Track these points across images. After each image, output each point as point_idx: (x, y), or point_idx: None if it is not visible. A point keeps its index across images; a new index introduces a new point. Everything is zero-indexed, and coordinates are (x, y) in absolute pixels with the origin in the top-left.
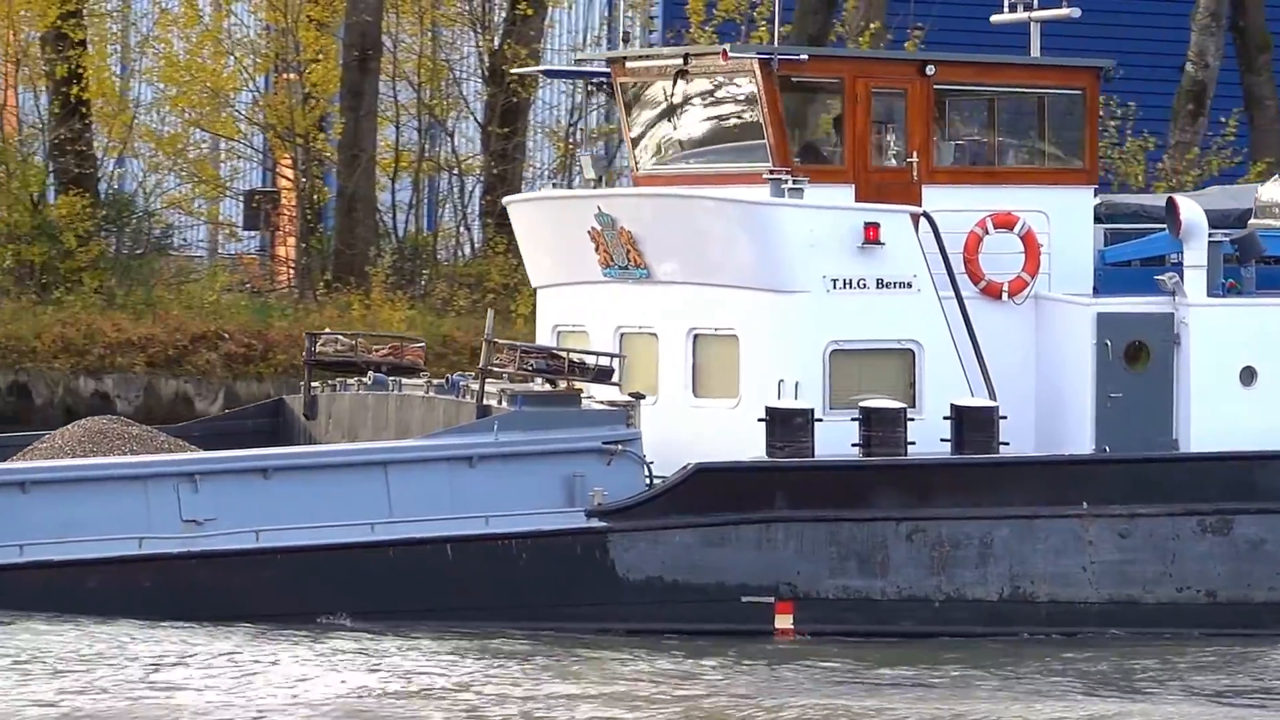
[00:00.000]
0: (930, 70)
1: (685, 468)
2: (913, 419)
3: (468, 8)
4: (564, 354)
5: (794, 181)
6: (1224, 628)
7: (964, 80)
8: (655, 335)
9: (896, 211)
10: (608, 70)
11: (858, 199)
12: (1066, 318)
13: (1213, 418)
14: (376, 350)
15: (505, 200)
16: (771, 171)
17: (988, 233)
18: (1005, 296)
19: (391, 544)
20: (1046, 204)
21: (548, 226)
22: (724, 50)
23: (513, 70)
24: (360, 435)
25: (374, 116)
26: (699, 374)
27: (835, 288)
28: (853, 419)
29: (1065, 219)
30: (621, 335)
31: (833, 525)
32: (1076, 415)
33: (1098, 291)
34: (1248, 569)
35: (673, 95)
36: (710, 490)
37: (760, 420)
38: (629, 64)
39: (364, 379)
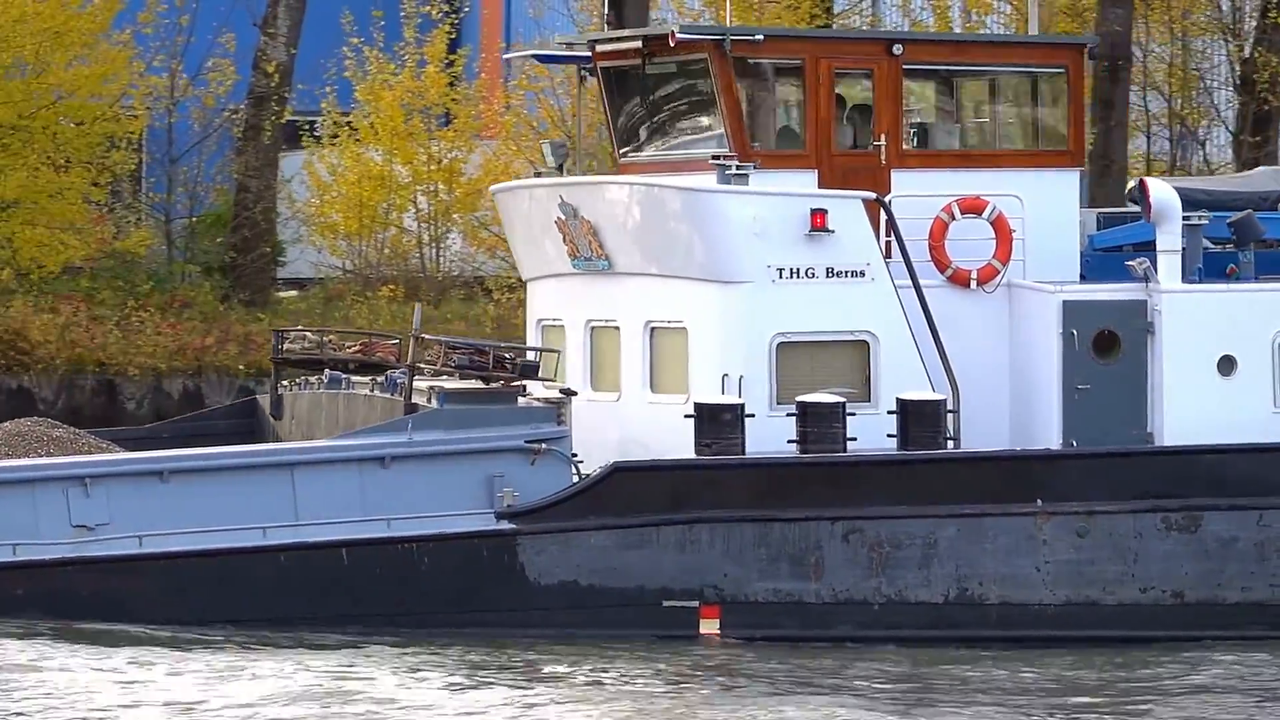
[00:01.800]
0: (898, 50)
1: (603, 467)
2: (870, 413)
3: (1218, 16)
4: (489, 349)
5: (738, 167)
6: (1192, 630)
7: (935, 59)
8: (618, 329)
9: (847, 197)
10: (589, 54)
11: (821, 185)
12: (1034, 306)
13: (1189, 410)
14: (348, 347)
15: (492, 189)
16: (715, 157)
17: (954, 218)
18: (974, 284)
19: (283, 549)
20: (1020, 187)
21: (524, 217)
22: (671, 32)
23: (506, 55)
24: (315, 434)
25: (1124, 127)
26: (655, 369)
27: (781, 277)
28: (788, 414)
29: (1043, 203)
30: (591, 329)
31: (762, 525)
32: (1044, 408)
33: (1084, 278)
34: (1219, 568)
35: (643, 79)
36: (629, 490)
37: (687, 417)
38: (599, 47)
39: (321, 377)
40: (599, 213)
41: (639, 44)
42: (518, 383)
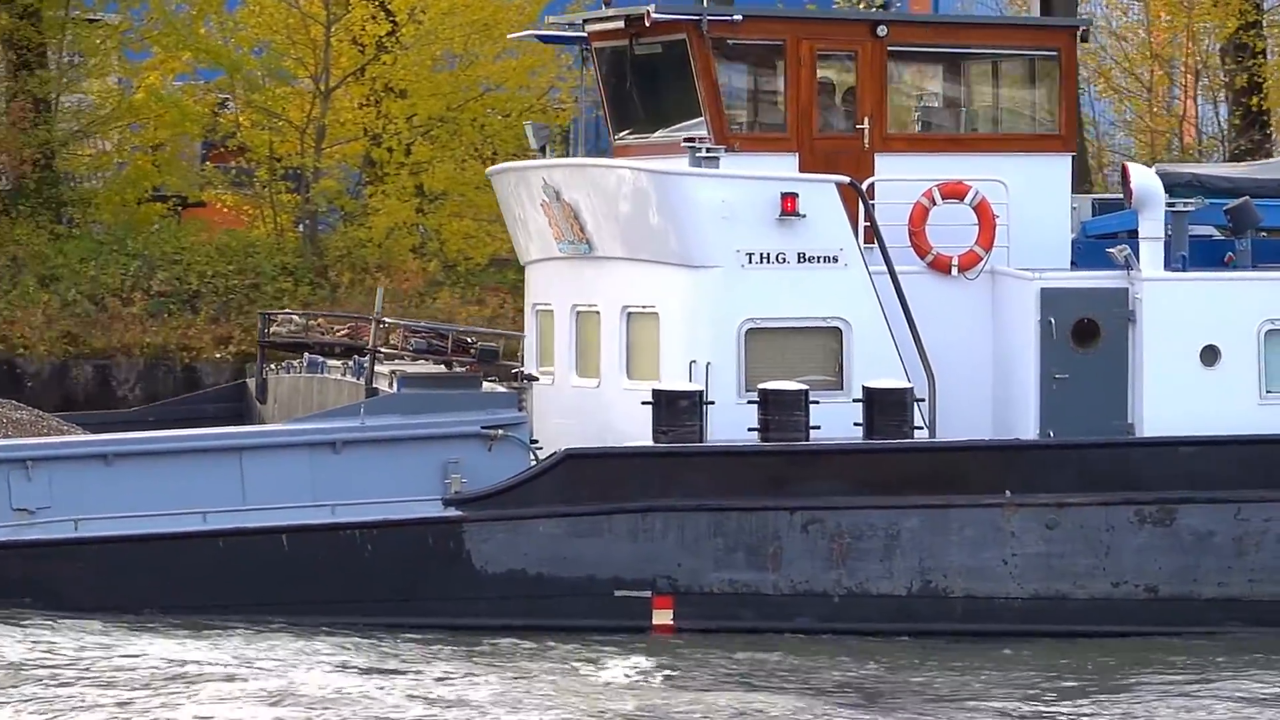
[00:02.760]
0: (882, 31)
1: (555, 453)
2: (843, 402)
3: None
4: (448, 333)
5: (708, 150)
6: (1166, 626)
7: (921, 41)
8: (599, 314)
9: (819, 181)
10: (584, 34)
11: (802, 169)
12: (1014, 294)
13: (1171, 401)
14: (336, 330)
15: (488, 172)
16: (687, 139)
17: (935, 203)
18: (955, 271)
19: (220, 535)
20: (1005, 172)
21: (517, 200)
22: (647, 12)
23: (511, 35)
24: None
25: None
26: (631, 355)
27: (751, 262)
28: (749, 401)
29: (1030, 188)
30: (576, 314)
31: (718, 515)
32: (1022, 399)
33: (1076, 266)
34: (1194, 563)
35: (631, 60)
36: (581, 477)
37: (645, 404)
38: (588, 27)
39: (300, 360)
40: (579, 196)
41: (621, 24)
42: (477, 368)
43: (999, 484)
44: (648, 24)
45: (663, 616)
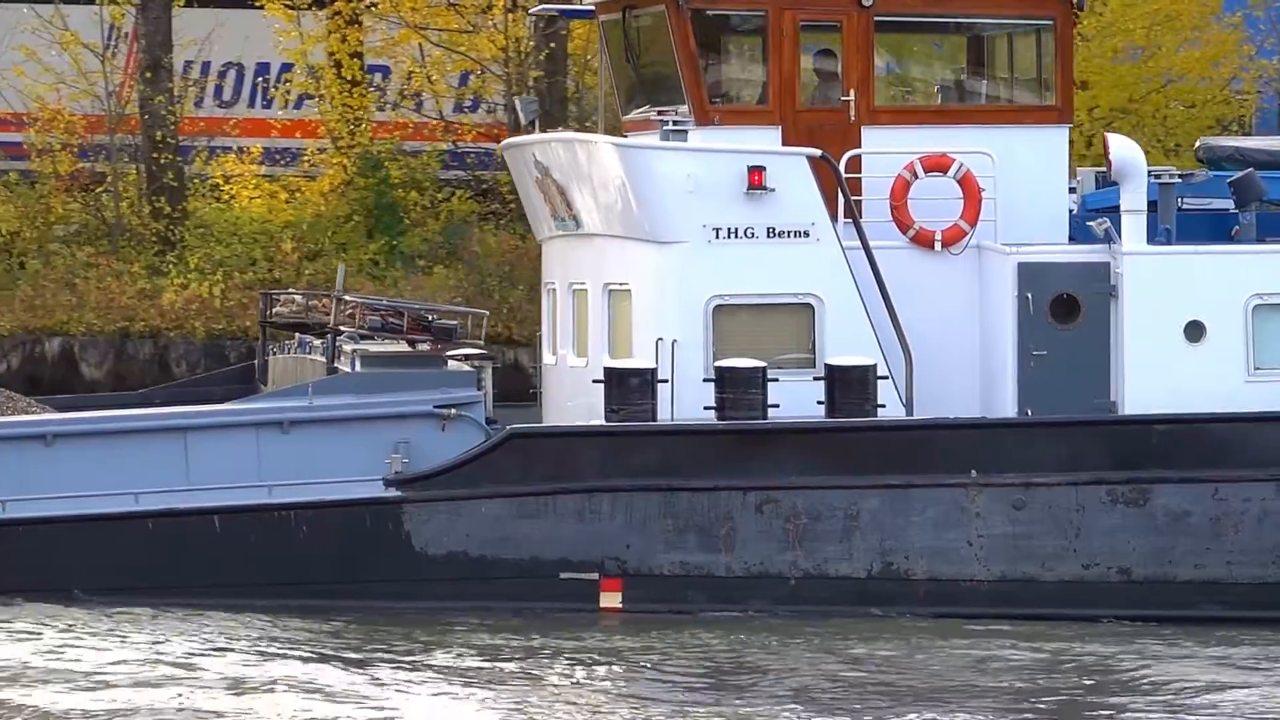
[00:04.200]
0: (868, 1)
1: (499, 432)
2: (816, 379)
3: None
4: (406, 310)
5: (675, 123)
6: (1139, 609)
7: (909, 11)
8: (588, 291)
9: (789, 154)
10: (592, 9)
11: (785, 142)
12: (995, 269)
13: (1154, 378)
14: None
15: (500, 145)
16: (660, 112)
17: (917, 176)
18: (939, 246)
19: (151, 515)
20: (996, 144)
21: (520, 178)
22: None
23: (531, 11)
24: None
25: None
26: (613, 333)
27: (718, 237)
28: (704, 379)
29: (1021, 161)
30: (573, 291)
31: (667, 495)
32: (1001, 376)
33: (1075, 240)
34: (1169, 544)
35: (629, 33)
36: (526, 457)
37: (596, 382)
38: (588, 1)
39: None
40: (565, 172)
41: None
42: (439, 347)
43: (963, 463)
44: None
45: (610, 599)
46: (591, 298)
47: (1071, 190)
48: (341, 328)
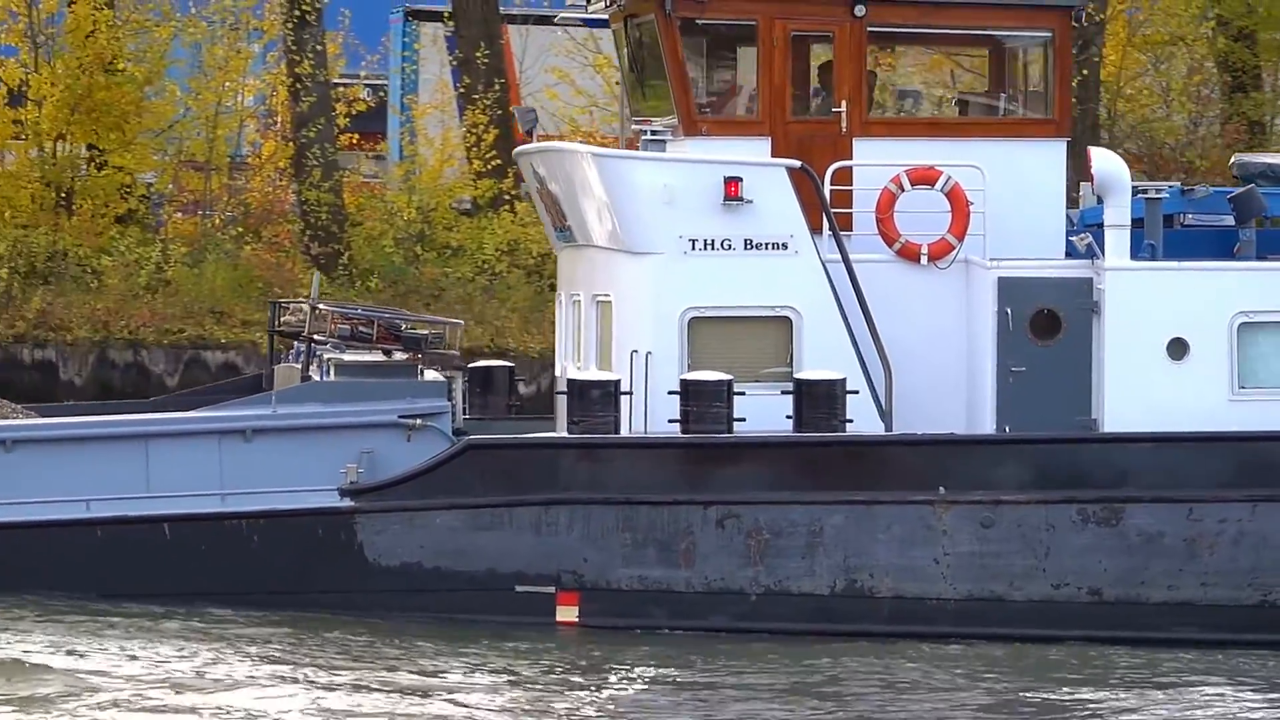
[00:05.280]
0: (861, 11)
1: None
2: (783, 392)
3: None
4: (376, 319)
5: (653, 133)
6: (1110, 630)
7: (904, 22)
8: (579, 302)
9: (767, 165)
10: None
11: (774, 153)
12: (977, 284)
13: (1136, 396)
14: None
15: (514, 153)
16: (639, 121)
17: (904, 189)
18: (924, 260)
19: (100, 522)
20: (989, 158)
21: (530, 188)
22: None
23: (559, 17)
24: None
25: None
26: (600, 344)
27: (694, 249)
28: (669, 392)
29: (1017, 175)
30: (574, 302)
31: (626, 509)
32: (981, 392)
33: (1070, 256)
34: (1141, 564)
35: (631, 42)
36: (482, 468)
37: (559, 393)
38: (591, 9)
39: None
40: (559, 182)
41: (606, 4)
42: (416, 356)
43: (930, 480)
44: (607, 3)
45: (567, 613)
46: (583, 309)
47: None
48: (317, 336)
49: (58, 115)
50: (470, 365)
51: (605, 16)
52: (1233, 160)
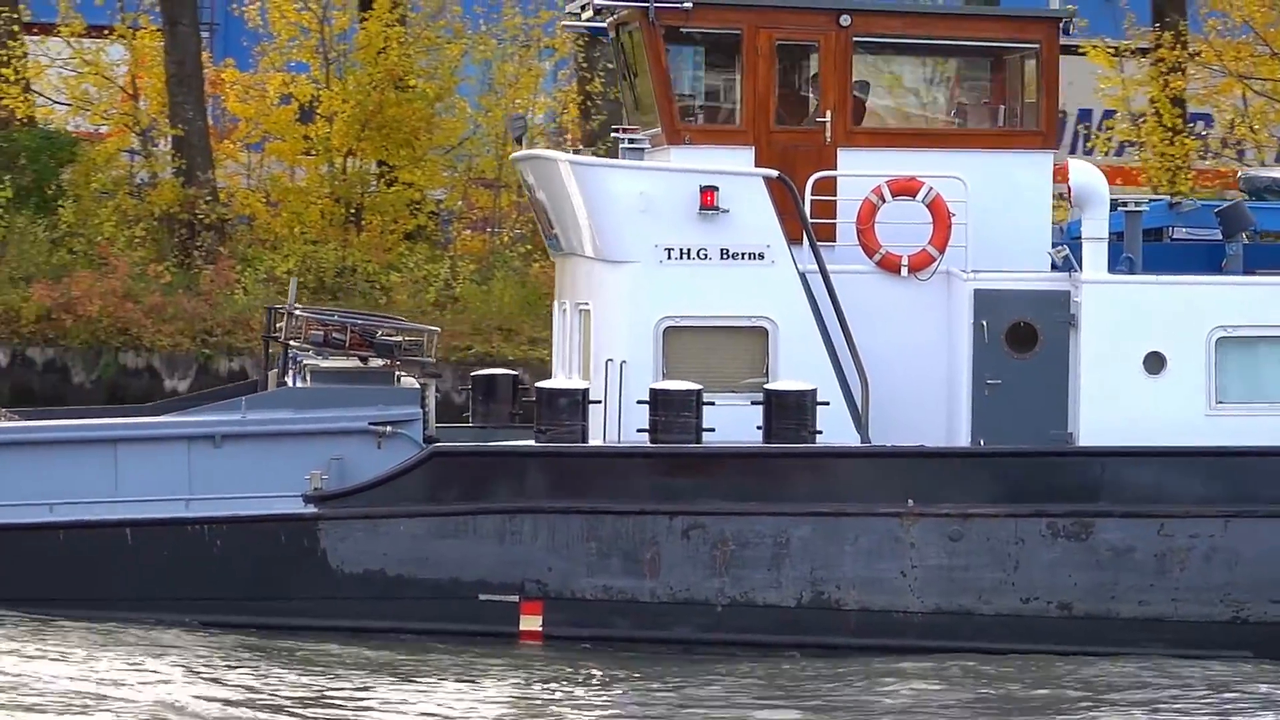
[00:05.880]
0: (846, 21)
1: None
2: (753, 403)
3: None
4: (349, 325)
5: (631, 141)
6: (1079, 645)
7: (889, 32)
8: (566, 311)
9: (744, 175)
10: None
11: (758, 163)
12: (955, 296)
13: (1112, 410)
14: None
15: (511, 158)
16: (616, 129)
17: (885, 200)
18: (905, 271)
19: (61, 527)
20: (974, 170)
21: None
22: (595, 3)
23: (565, 24)
24: None
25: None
26: (582, 353)
27: (670, 258)
28: (638, 401)
29: (1002, 187)
30: (562, 311)
31: (591, 518)
32: (956, 404)
33: (1056, 269)
34: (1111, 579)
35: (619, 50)
36: (447, 476)
37: (527, 401)
38: (584, 18)
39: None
40: (545, 190)
41: (590, 11)
42: (394, 363)
43: (898, 492)
44: (591, 12)
45: (530, 623)
46: (568, 317)
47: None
48: (292, 341)
49: (348, 131)
50: (473, 373)
51: (605, 24)
52: (1239, 174)
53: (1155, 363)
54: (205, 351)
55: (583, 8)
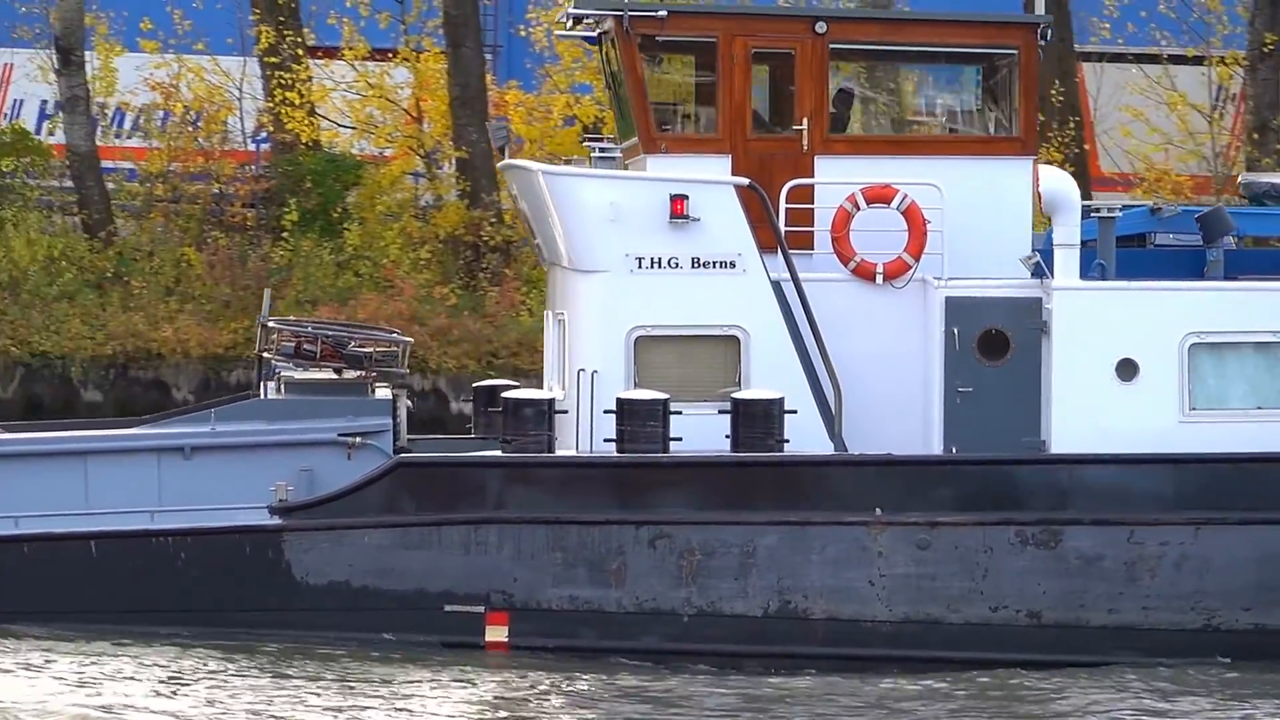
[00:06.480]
0: (822, 28)
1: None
2: (721, 412)
3: None
4: (319, 336)
5: (601, 150)
6: (1049, 654)
7: (865, 39)
8: (547, 320)
9: (715, 183)
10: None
11: (735, 171)
12: (929, 303)
13: (1085, 417)
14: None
15: (499, 166)
16: (587, 138)
17: (859, 208)
18: (880, 279)
19: (26, 539)
20: (953, 177)
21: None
22: (569, 10)
23: (559, 34)
24: None
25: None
26: (559, 363)
27: (640, 267)
28: (605, 411)
29: (980, 194)
30: (549, 320)
31: (556, 528)
32: (928, 412)
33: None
34: (1080, 587)
35: (606, 59)
36: (412, 487)
37: (493, 412)
38: (571, 28)
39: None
40: (526, 200)
41: (572, 21)
42: (370, 374)
43: (866, 501)
44: (568, 23)
45: (496, 633)
46: (553, 327)
47: None
48: (265, 353)
49: None
50: (475, 384)
51: (594, 34)
52: (1240, 178)
53: (1128, 369)
54: (490, 374)
55: (567, 18)
